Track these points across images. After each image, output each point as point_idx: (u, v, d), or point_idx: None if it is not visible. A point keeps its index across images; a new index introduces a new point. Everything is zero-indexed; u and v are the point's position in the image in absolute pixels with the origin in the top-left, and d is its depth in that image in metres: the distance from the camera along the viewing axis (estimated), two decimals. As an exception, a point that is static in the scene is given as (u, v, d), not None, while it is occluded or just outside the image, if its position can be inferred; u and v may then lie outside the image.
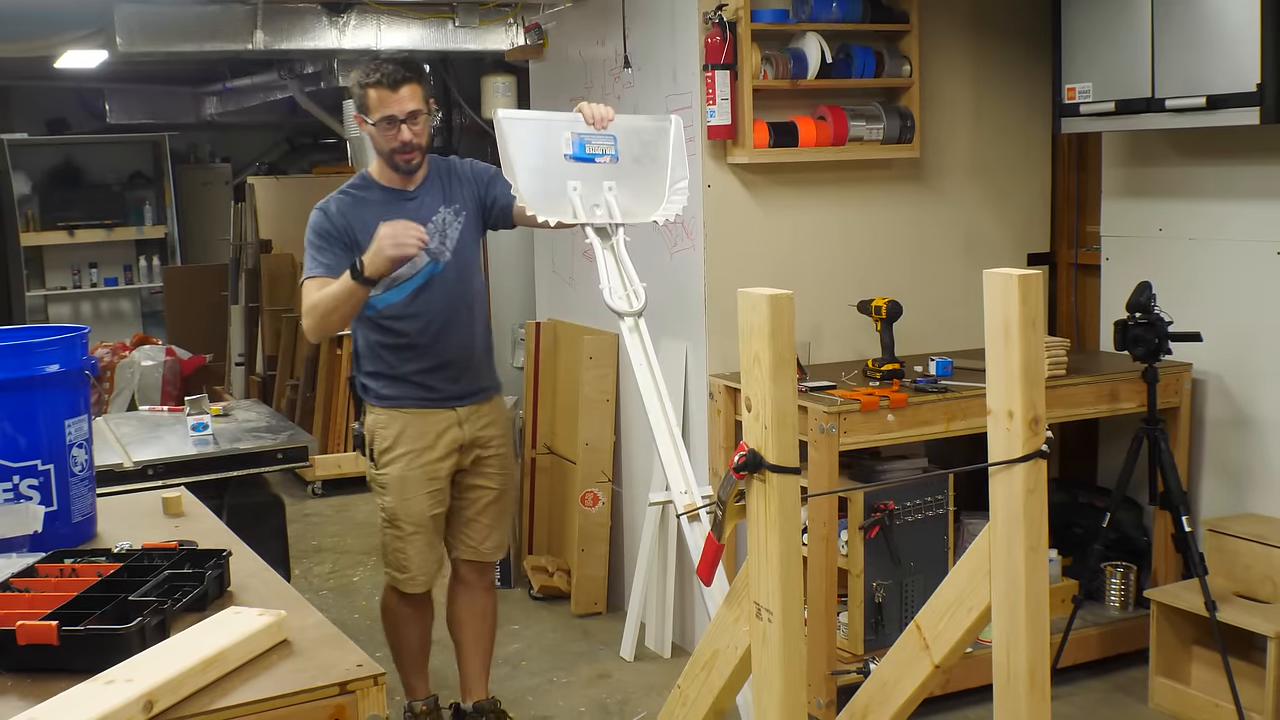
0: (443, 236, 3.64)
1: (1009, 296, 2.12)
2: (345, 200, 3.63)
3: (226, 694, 1.91)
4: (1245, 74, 3.69)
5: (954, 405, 3.95)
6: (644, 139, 3.32)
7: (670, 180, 3.31)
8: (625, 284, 3.05)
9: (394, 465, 3.66)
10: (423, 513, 3.69)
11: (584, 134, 3.24)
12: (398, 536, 3.70)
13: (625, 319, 3.01)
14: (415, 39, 6.24)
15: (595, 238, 3.13)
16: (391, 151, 3.56)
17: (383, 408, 3.69)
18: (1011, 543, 2.18)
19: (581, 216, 3.14)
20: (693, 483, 2.86)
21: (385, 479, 3.68)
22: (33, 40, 6.22)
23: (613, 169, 3.24)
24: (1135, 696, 4.20)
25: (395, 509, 3.68)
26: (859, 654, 4.00)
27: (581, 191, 3.18)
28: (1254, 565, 4.02)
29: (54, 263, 10.53)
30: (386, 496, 3.69)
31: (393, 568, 3.76)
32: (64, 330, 2.76)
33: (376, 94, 3.51)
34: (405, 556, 3.70)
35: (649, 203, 3.26)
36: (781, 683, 2.23)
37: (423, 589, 3.76)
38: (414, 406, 3.67)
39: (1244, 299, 4.22)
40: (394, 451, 3.66)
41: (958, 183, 4.80)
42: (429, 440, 3.67)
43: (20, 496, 2.59)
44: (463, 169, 3.77)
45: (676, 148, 3.35)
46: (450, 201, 3.68)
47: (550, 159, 3.20)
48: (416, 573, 3.73)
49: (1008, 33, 4.81)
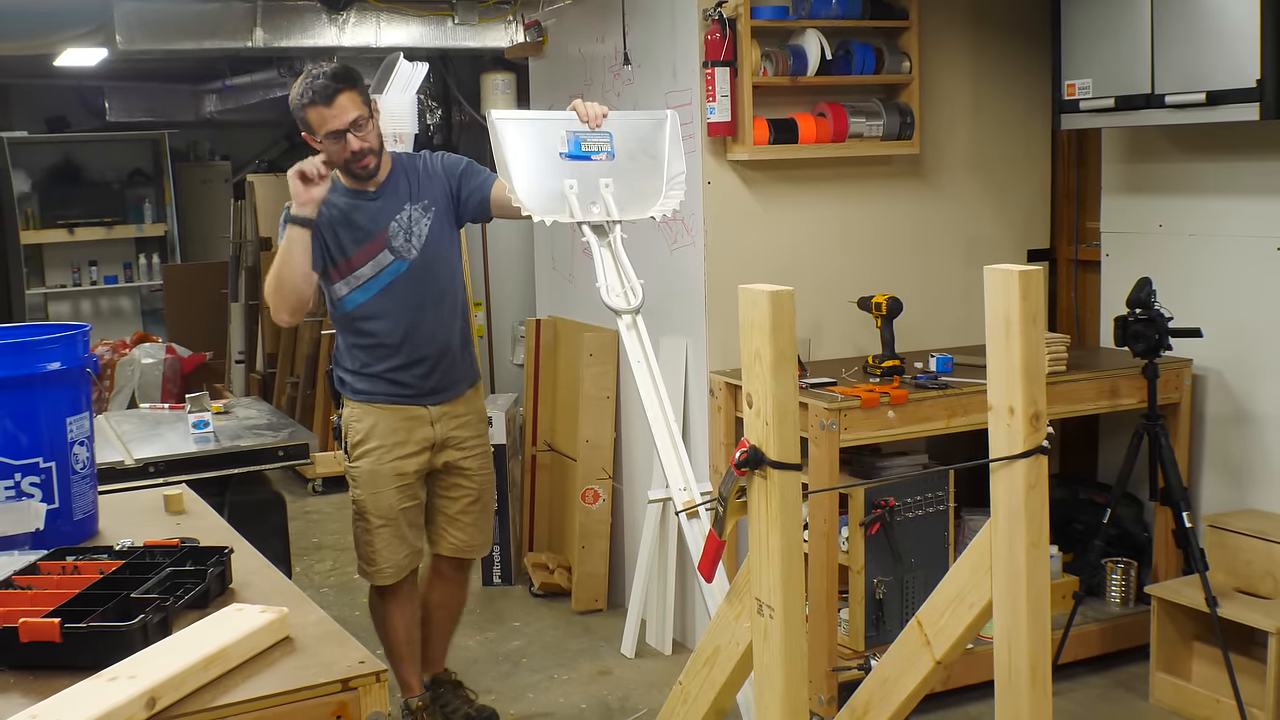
0: (408, 234, 3.64)
1: (1010, 292, 2.12)
2: None
3: (229, 691, 1.91)
4: (1245, 70, 3.69)
5: (954, 401, 3.95)
6: (640, 135, 3.32)
7: (667, 175, 3.30)
8: (623, 281, 3.05)
9: (365, 459, 3.71)
10: (391, 507, 3.72)
11: (579, 132, 3.23)
12: (366, 529, 3.75)
13: (623, 316, 3.01)
14: (414, 36, 6.25)
15: (592, 236, 3.12)
16: (347, 162, 3.56)
17: (357, 402, 3.73)
18: (1013, 538, 2.18)
19: (578, 215, 3.13)
20: (691, 480, 2.86)
21: (357, 472, 3.73)
22: (32, 38, 6.23)
23: (609, 166, 3.23)
24: (1136, 692, 4.20)
25: (365, 502, 3.73)
26: (860, 650, 4.00)
27: (578, 190, 3.17)
28: (1254, 560, 4.03)
29: (54, 261, 10.52)
30: (358, 490, 3.74)
31: (362, 560, 3.81)
32: (65, 328, 2.76)
33: (315, 112, 3.50)
34: (373, 549, 3.75)
35: (646, 198, 3.26)
36: (783, 679, 2.24)
37: (390, 580, 3.79)
38: (386, 402, 3.71)
39: (1244, 295, 4.22)
40: (365, 445, 3.71)
41: (958, 179, 4.80)
42: (400, 436, 3.71)
43: (22, 494, 2.59)
44: (432, 165, 3.75)
45: (673, 142, 3.34)
46: (417, 198, 3.67)
47: (546, 158, 3.20)
48: (384, 565, 3.77)
49: (1007, 29, 4.81)
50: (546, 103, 5.49)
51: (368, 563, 3.79)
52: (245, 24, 6.02)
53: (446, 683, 4.10)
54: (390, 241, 3.63)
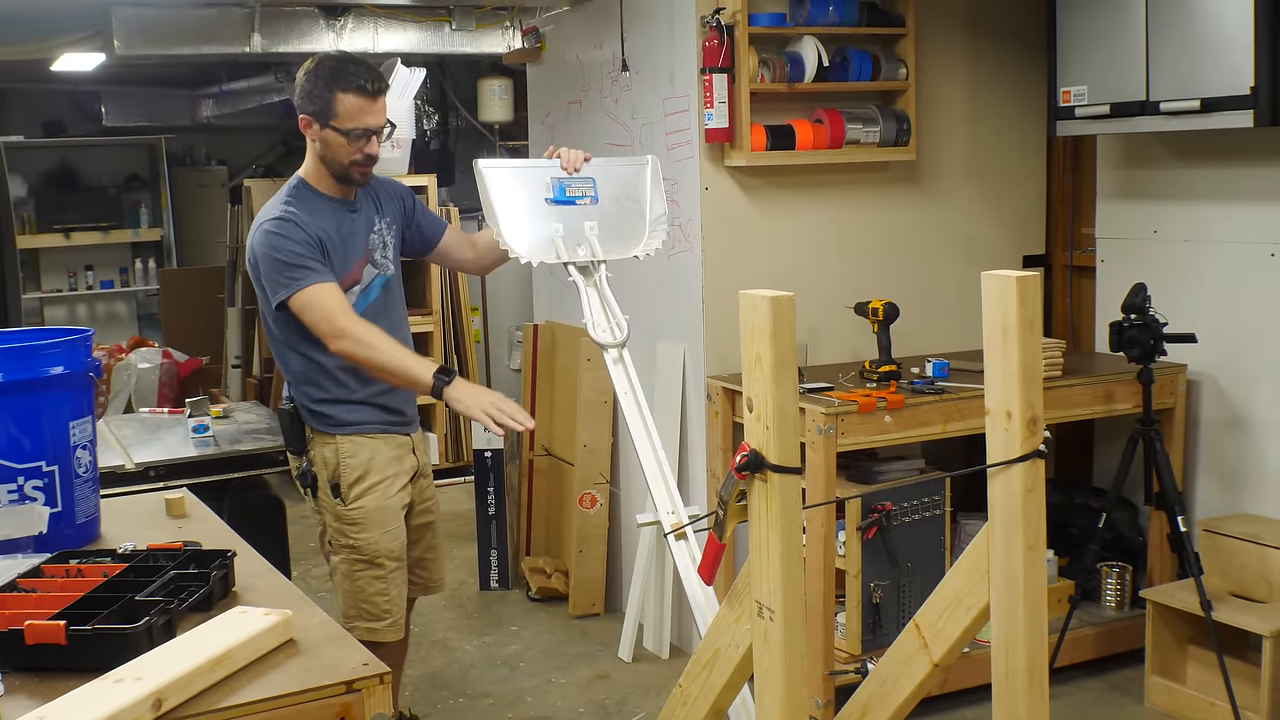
0: (384, 249, 3.44)
1: (1007, 298, 2.14)
2: (300, 209, 3.28)
3: (234, 692, 1.93)
4: (1239, 77, 3.71)
5: (951, 406, 3.97)
6: (623, 180, 3.39)
7: (650, 217, 3.38)
8: (609, 317, 3.12)
9: (368, 496, 3.32)
10: (403, 545, 3.39)
11: (563, 178, 3.31)
12: (378, 577, 3.32)
13: (610, 350, 3.08)
14: (412, 42, 6.27)
15: (579, 275, 3.19)
16: (351, 164, 3.28)
17: (346, 434, 3.33)
18: (1010, 542, 2.20)
19: (564, 256, 3.20)
20: (679, 504, 2.92)
21: (360, 513, 3.31)
22: (30, 43, 6.24)
23: (593, 210, 3.32)
24: (1131, 696, 4.22)
25: (374, 545, 3.31)
26: (857, 654, 4.02)
27: (563, 233, 3.24)
28: (1249, 565, 4.05)
29: (50, 265, 10.53)
30: (364, 533, 3.31)
31: (369, 619, 3.33)
32: (68, 333, 2.77)
33: (354, 100, 3.22)
34: (387, 599, 3.34)
35: (630, 239, 3.33)
36: (783, 681, 2.25)
37: (400, 635, 3.43)
38: (380, 431, 3.37)
39: (1238, 300, 4.25)
40: (367, 481, 3.33)
41: (954, 185, 4.82)
42: (394, 467, 3.39)
43: (25, 497, 2.60)
44: (389, 185, 3.55)
45: (654, 186, 3.42)
46: (383, 214, 3.46)
47: (532, 204, 3.27)
48: (396, 616, 3.37)
49: (1003, 36, 4.83)
50: (544, 109, 5.50)
51: (376, 619, 3.33)
52: (243, 29, 6.04)
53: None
54: (372, 254, 3.39)
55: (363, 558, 3.31)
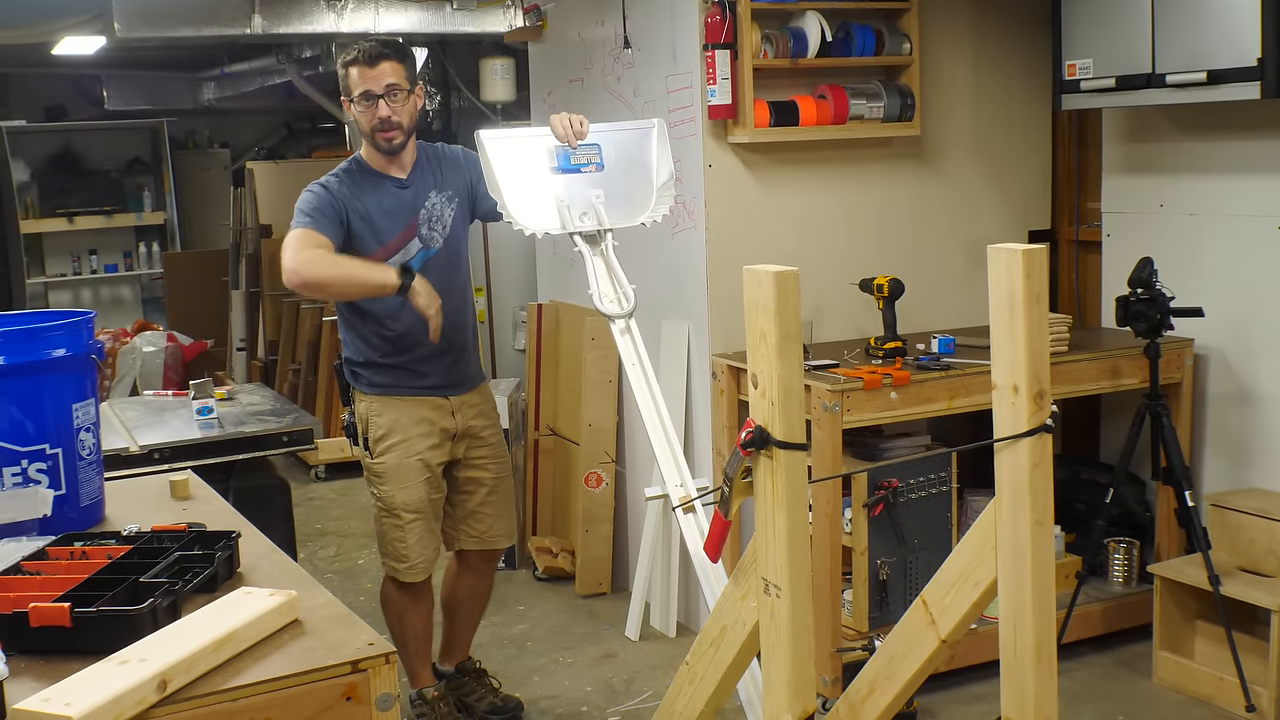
0: (434, 222, 3.65)
1: (1013, 271, 2.12)
2: (342, 181, 3.59)
3: (239, 673, 1.92)
4: (1245, 49, 3.68)
5: (956, 382, 3.96)
6: (628, 145, 3.39)
7: (656, 183, 3.35)
8: (616, 288, 3.10)
9: (390, 453, 3.65)
10: (421, 499, 3.68)
11: (567, 146, 3.30)
12: (397, 525, 3.67)
13: (616, 321, 3.08)
14: (413, 22, 6.24)
15: (585, 245, 3.18)
16: (372, 130, 3.54)
17: (375, 395, 3.67)
18: (1017, 517, 2.18)
19: (570, 226, 3.18)
20: (687, 477, 2.91)
21: (382, 467, 3.66)
22: (31, 27, 6.23)
23: (599, 177, 3.31)
24: (1139, 671, 4.22)
25: (393, 497, 3.66)
26: (863, 631, 4.02)
27: (569, 202, 3.24)
28: (1257, 539, 4.04)
29: (54, 250, 10.53)
30: (384, 485, 3.67)
31: (392, 558, 3.73)
32: (70, 315, 2.76)
33: (356, 71, 3.52)
34: (405, 545, 3.68)
35: (637, 206, 3.34)
36: (790, 658, 2.25)
37: (423, 577, 3.74)
38: (408, 394, 3.66)
39: (1245, 274, 4.23)
40: (390, 439, 3.65)
41: (958, 160, 4.79)
42: (424, 428, 3.66)
43: (29, 480, 2.60)
44: (454, 155, 3.77)
45: (660, 150, 3.40)
46: (442, 188, 3.68)
47: (536, 173, 3.27)
48: (416, 561, 3.70)
49: (1007, 9, 4.80)
50: (546, 87, 5.48)
51: (399, 560, 3.70)
52: (243, 11, 6.02)
53: (471, 671, 4.10)
54: (419, 229, 3.62)
55: (385, 507, 3.69)
